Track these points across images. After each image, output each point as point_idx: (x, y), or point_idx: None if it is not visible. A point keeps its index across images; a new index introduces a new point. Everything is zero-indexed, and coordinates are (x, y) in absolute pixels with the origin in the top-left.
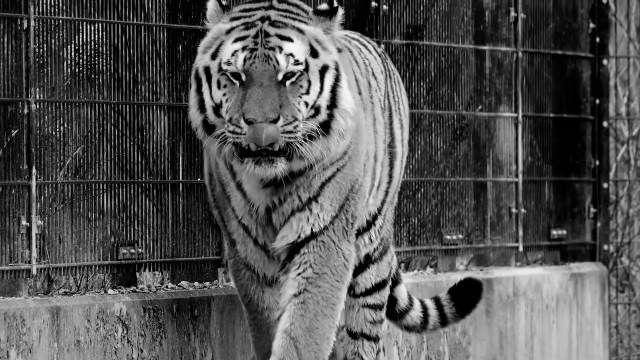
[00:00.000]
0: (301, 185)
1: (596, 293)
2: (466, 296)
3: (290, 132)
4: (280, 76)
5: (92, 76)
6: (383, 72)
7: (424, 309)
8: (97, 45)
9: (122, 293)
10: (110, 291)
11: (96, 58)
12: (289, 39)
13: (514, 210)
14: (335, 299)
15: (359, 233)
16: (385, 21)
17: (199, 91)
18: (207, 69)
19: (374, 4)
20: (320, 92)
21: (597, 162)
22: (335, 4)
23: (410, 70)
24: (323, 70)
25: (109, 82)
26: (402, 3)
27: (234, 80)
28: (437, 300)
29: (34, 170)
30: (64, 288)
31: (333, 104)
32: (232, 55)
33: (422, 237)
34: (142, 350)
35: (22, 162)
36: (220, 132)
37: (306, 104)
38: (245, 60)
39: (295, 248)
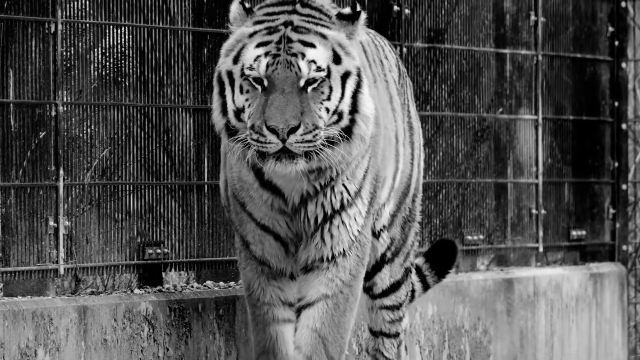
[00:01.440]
0: (344, 173)
1: (615, 293)
2: (442, 258)
3: (309, 141)
4: (302, 82)
5: (119, 79)
6: (397, 67)
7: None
8: (123, 49)
9: (148, 293)
10: (136, 291)
11: (123, 61)
12: (312, 45)
13: (534, 211)
14: (359, 291)
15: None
16: (407, 25)
17: (222, 94)
18: (229, 73)
19: (396, 8)
20: (342, 98)
21: (616, 164)
22: (358, 8)
23: (432, 73)
24: (345, 76)
25: (135, 84)
26: (423, 7)
27: (256, 86)
28: (418, 270)
29: (61, 172)
30: (91, 288)
31: (354, 109)
32: (255, 60)
33: (444, 237)
34: (167, 349)
35: (50, 163)
36: (243, 136)
37: (327, 109)
38: (267, 66)
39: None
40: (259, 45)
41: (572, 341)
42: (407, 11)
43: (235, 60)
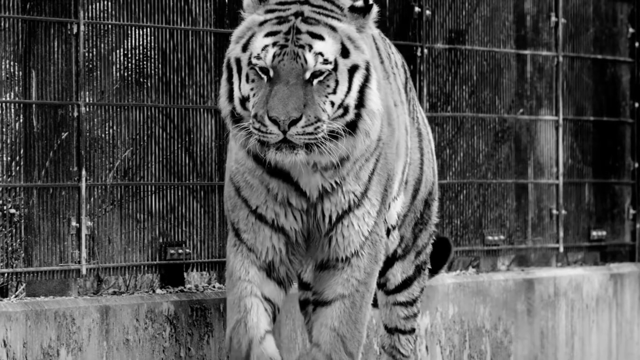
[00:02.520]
0: (349, 174)
1: (635, 293)
2: (436, 253)
3: (310, 133)
4: (307, 75)
5: (141, 80)
6: (403, 65)
7: None
8: (145, 50)
9: (170, 293)
10: (158, 291)
11: (144, 62)
12: (320, 37)
13: (554, 211)
14: (374, 285)
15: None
16: (428, 26)
17: (230, 81)
18: (238, 60)
19: (417, 9)
20: (348, 92)
21: (637, 164)
22: (371, 1)
23: (452, 74)
24: (352, 70)
25: (157, 85)
26: (444, 8)
27: (262, 75)
28: None
29: (83, 172)
30: (113, 288)
31: (361, 103)
32: (263, 49)
33: (465, 237)
34: (189, 349)
35: (72, 164)
36: (246, 124)
37: (332, 103)
38: (274, 56)
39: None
40: (267, 35)
41: (593, 341)
42: (428, 12)
43: (244, 48)
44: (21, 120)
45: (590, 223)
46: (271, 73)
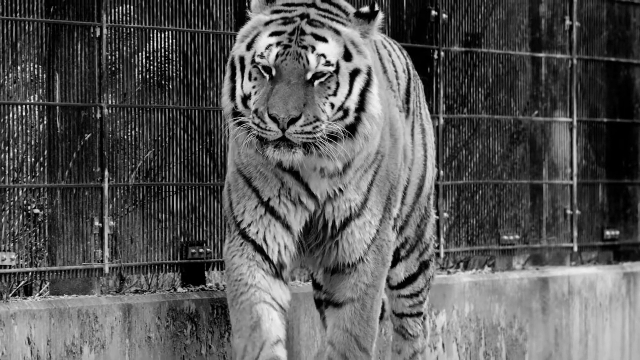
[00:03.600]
0: (351, 182)
1: None
2: None
3: (309, 132)
4: (309, 75)
5: (163, 82)
6: (405, 71)
7: None
8: (167, 53)
9: (191, 291)
10: (179, 289)
11: (166, 65)
12: (324, 39)
13: (568, 211)
14: (384, 284)
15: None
16: (444, 29)
17: (233, 79)
18: (241, 59)
19: (434, 12)
20: (349, 95)
21: None
22: (377, 8)
23: (468, 76)
24: (354, 73)
25: (179, 88)
26: (461, 12)
27: (265, 74)
28: None
29: (106, 173)
30: (136, 286)
31: (361, 107)
32: (266, 48)
33: (480, 237)
34: (210, 347)
35: (95, 165)
36: (245, 119)
37: (332, 105)
38: (277, 55)
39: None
40: (272, 35)
41: (606, 339)
42: (444, 16)
43: (249, 46)
44: (45, 122)
45: (604, 223)
46: (273, 72)
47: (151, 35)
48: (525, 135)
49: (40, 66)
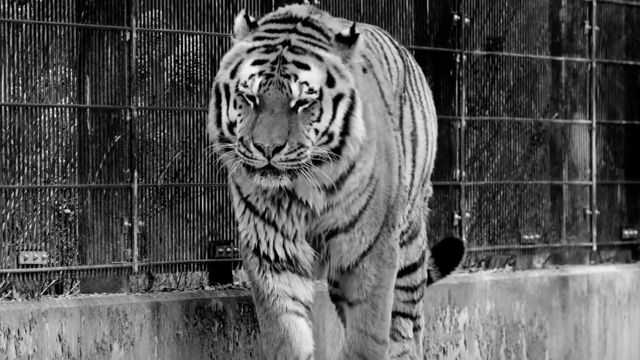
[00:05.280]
0: (339, 205)
1: None
2: (448, 255)
3: (294, 159)
4: (292, 103)
5: (191, 85)
6: (400, 63)
7: None
8: (195, 56)
9: (219, 289)
10: (207, 288)
11: (194, 68)
12: (306, 67)
13: (588, 211)
14: (393, 281)
15: None
16: (467, 33)
17: (218, 105)
18: (226, 87)
19: (456, 17)
20: (332, 120)
21: None
22: (357, 31)
23: (490, 79)
24: (337, 98)
25: (207, 90)
26: (482, 16)
27: (249, 102)
28: None
29: (135, 174)
30: (164, 285)
31: (345, 131)
32: (250, 77)
33: (502, 236)
34: (237, 344)
35: (125, 166)
36: (232, 146)
37: (316, 130)
38: (260, 85)
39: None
40: (254, 64)
41: (625, 336)
42: (467, 20)
43: (233, 74)
44: (76, 124)
45: (622, 222)
46: (257, 101)
47: (180, 39)
48: (545, 137)
49: (71, 69)
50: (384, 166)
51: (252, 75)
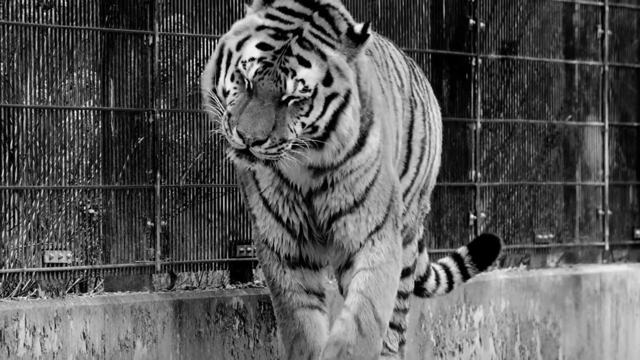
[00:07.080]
0: (340, 183)
1: None
2: (485, 251)
3: (273, 154)
4: (284, 97)
5: None
6: (406, 67)
7: (448, 274)
8: None
9: (240, 288)
10: (228, 286)
11: None
12: (307, 64)
13: (600, 211)
14: (397, 281)
15: None
16: (482, 37)
17: (218, 65)
18: (229, 54)
19: (472, 21)
20: (321, 116)
21: None
22: (369, 31)
23: (505, 82)
24: (331, 97)
25: None
26: (497, 21)
27: (244, 81)
28: (459, 261)
29: (158, 175)
30: (186, 283)
31: (331, 126)
32: (250, 60)
33: (516, 236)
34: (257, 341)
35: (148, 167)
36: (221, 110)
37: (303, 124)
38: (256, 72)
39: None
40: (259, 46)
41: (637, 334)
42: (482, 24)
43: (239, 46)
44: (100, 126)
45: (634, 222)
46: (251, 86)
47: (201, 43)
48: (559, 138)
49: (95, 73)
50: (391, 146)
51: (253, 58)
